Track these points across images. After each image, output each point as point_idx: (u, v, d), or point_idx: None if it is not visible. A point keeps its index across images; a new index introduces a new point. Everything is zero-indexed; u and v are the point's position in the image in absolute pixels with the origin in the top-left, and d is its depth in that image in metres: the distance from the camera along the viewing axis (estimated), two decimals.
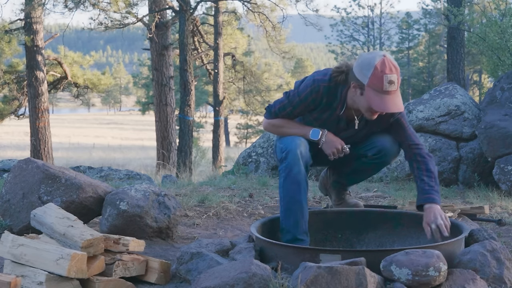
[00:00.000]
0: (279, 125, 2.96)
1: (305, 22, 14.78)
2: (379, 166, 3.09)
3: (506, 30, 7.88)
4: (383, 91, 2.63)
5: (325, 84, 2.79)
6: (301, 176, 2.78)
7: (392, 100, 2.66)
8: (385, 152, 2.96)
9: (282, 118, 2.96)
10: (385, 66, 2.63)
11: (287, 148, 2.81)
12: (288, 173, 2.78)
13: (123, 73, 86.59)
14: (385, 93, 2.64)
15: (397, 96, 2.68)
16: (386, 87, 2.63)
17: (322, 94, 2.81)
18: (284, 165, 2.80)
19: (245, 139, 38.42)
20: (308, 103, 2.85)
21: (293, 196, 2.78)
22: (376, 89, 2.64)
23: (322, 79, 2.81)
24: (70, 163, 20.39)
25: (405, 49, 37.40)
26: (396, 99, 2.67)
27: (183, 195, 4.30)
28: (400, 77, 2.73)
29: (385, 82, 2.62)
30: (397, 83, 2.67)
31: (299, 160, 2.78)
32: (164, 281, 2.57)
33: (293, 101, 2.88)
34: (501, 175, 4.80)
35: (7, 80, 15.95)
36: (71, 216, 2.56)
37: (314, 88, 2.81)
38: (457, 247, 2.50)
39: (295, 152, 2.78)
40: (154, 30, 12.63)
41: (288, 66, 47.01)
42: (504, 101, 5.45)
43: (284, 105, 2.92)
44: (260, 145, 6.65)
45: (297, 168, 2.77)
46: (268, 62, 28.45)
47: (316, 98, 2.82)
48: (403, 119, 2.92)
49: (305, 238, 2.80)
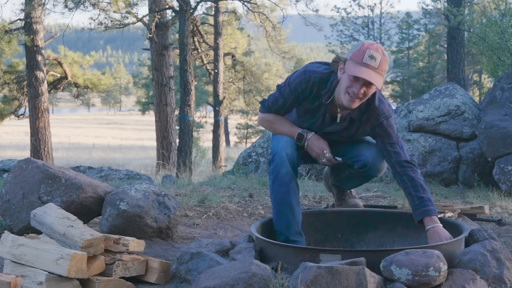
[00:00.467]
0: (271, 121, 2.96)
1: (305, 22, 14.78)
2: (366, 178, 3.07)
3: (506, 30, 7.88)
4: (362, 62, 2.60)
5: (316, 75, 2.78)
6: (289, 177, 2.79)
7: (367, 72, 2.59)
8: (370, 166, 2.93)
9: (275, 114, 2.94)
10: (372, 45, 2.64)
11: (273, 150, 2.83)
12: (276, 175, 2.80)
13: (123, 73, 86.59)
14: (363, 65, 2.60)
15: (375, 73, 2.61)
16: (366, 59, 2.60)
17: (313, 84, 2.78)
18: (271, 168, 2.82)
19: (245, 139, 38.41)
20: (298, 94, 2.82)
21: (283, 198, 2.80)
22: (355, 60, 2.62)
23: (314, 71, 2.79)
24: (70, 163, 20.39)
25: (405, 49, 37.39)
26: (372, 73, 2.60)
27: (183, 195, 4.30)
28: (387, 67, 2.69)
29: (366, 55, 2.60)
30: (380, 64, 2.61)
31: (285, 161, 2.78)
32: (164, 281, 2.57)
33: (284, 92, 2.86)
34: (501, 175, 4.80)
35: (7, 80, 15.95)
36: (71, 216, 2.56)
37: (304, 78, 2.79)
38: (457, 247, 2.50)
39: (281, 154, 2.79)
40: (154, 30, 12.63)
41: (288, 66, 46.98)
42: (504, 101, 5.45)
43: (276, 98, 2.91)
44: (260, 145, 6.65)
45: (284, 170, 2.78)
46: (268, 62, 28.41)
47: (306, 88, 2.79)
48: (390, 129, 2.82)
49: (298, 238, 2.80)
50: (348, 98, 2.67)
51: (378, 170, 2.98)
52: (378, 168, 2.96)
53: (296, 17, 15.32)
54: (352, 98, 2.66)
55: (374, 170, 2.96)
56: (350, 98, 2.66)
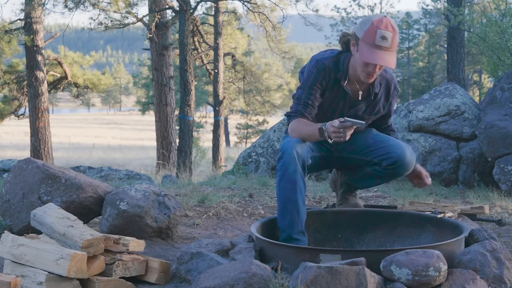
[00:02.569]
0: (295, 129, 2.89)
1: (305, 22, 14.78)
2: (391, 176, 3.04)
3: (506, 30, 7.88)
4: (375, 44, 2.67)
5: (328, 60, 2.86)
6: (297, 175, 2.77)
7: (380, 55, 2.67)
8: (401, 163, 2.91)
9: (298, 119, 2.90)
10: (381, 23, 2.68)
11: (283, 147, 2.82)
12: (283, 172, 2.79)
13: (123, 73, 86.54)
14: (376, 47, 2.67)
15: (388, 53, 2.68)
16: (378, 41, 2.66)
17: (329, 69, 2.85)
18: (280, 164, 2.81)
19: (245, 139, 38.39)
20: (321, 83, 2.86)
21: (289, 196, 2.79)
22: (368, 43, 2.69)
23: (323, 57, 2.88)
24: (70, 163, 20.39)
25: (405, 49, 37.38)
26: (385, 55, 2.67)
27: (183, 195, 4.30)
28: (398, 40, 2.75)
29: (378, 36, 2.66)
30: (392, 42, 2.67)
31: (294, 159, 2.77)
32: (164, 281, 2.57)
33: (305, 88, 2.89)
34: (501, 175, 4.80)
35: (7, 80, 15.95)
36: (71, 216, 2.56)
37: (319, 67, 2.85)
38: (457, 247, 2.50)
39: (290, 152, 2.78)
40: (154, 30, 12.63)
41: (288, 66, 47.00)
42: (504, 101, 5.44)
43: (299, 98, 2.90)
44: (260, 145, 6.64)
45: (292, 167, 2.77)
46: (268, 62, 28.43)
47: (325, 75, 2.85)
48: (394, 101, 3.02)
49: (301, 237, 2.79)
50: (365, 75, 2.77)
51: (407, 169, 2.96)
52: (409, 166, 2.95)
53: (296, 17, 15.32)
54: (369, 76, 2.77)
55: (404, 168, 2.95)
56: (367, 76, 2.77)
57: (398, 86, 3.02)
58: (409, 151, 2.93)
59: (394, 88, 2.99)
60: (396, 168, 2.94)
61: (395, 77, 3.02)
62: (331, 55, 2.88)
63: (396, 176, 3.03)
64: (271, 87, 23.08)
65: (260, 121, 36.49)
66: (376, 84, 2.91)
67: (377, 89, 2.92)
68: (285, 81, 33.87)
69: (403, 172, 2.97)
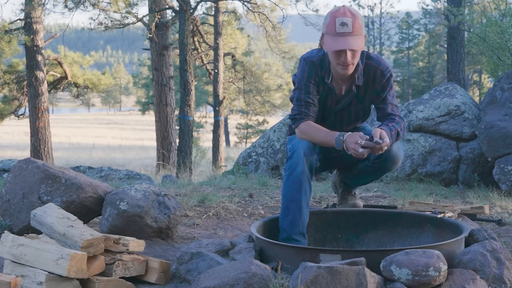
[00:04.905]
0: (306, 132, 2.88)
1: (305, 22, 14.75)
2: (380, 171, 3.05)
3: (506, 30, 7.88)
4: (336, 33, 2.69)
5: (315, 58, 2.88)
6: (304, 176, 2.77)
7: (343, 40, 2.67)
8: (386, 156, 2.90)
9: (307, 122, 2.90)
10: (338, 11, 2.71)
11: (293, 148, 2.83)
12: (291, 172, 2.79)
13: (123, 73, 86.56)
14: (338, 35, 2.68)
15: (352, 37, 2.68)
16: (339, 28, 2.68)
17: (316, 66, 2.88)
18: (288, 164, 2.81)
19: (245, 139, 38.39)
20: (314, 79, 2.88)
21: (293, 196, 2.78)
22: (330, 33, 2.71)
23: (311, 55, 2.91)
24: (70, 163, 20.39)
25: (405, 49, 37.41)
26: (349, 40, 2.67)
27: (183, 195, 4.30)
28: (362, 23, 2.73)
29: (337, 24, 2.68)
30: (354, 26, 2.67)
31: (303, 160, 2.77)
32: (164, 281, 2.57)
33: (301, 87, 2.90)
34: (501, 175, 4.80)
35: (7, 80, 15.95)
36: (71, 216, 2.56)
37: (308, 63, 2.88)
38: (457, 247, 2.50)
39: (299, 153, 2.78)
40: (154, 30, 12.63)
41: (288, 66, 46.96)
42: (504, 101, 5.44)
43: (299, 99, 2.91)
44: (260, 145, 6.64)
45: (300, 168, 2.77)
46: (268, 62, 28.42)
47: (316, 70, 2.88)
48: (389, 87, 2.90)
49: (300, 239, 2.79)
50: (341, 68, 2.76)
51: (395, 162, 2.97)
52: (395, 160, 2.96)
53: (296, 17, 15.32)
54: (344, 66, 2.75)
55: (391, 162, 2.95)
56: (343, 67, 2.76)
57: (388, 71, 2.88)
58: (395, 145, 2.93)
59: (381, 74, 2.86)
60: (382, 161, 2.95)
61: (385, 63, 2.91)
62: (318, 54, 2.90)
63: (385, 170, 3.04)
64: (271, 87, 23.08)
65: (260, 121, 36.49)
66: (358, 75, 2.84)
67: (359, 81, 2.86)
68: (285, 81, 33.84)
69: (390, 165, 2.98)
